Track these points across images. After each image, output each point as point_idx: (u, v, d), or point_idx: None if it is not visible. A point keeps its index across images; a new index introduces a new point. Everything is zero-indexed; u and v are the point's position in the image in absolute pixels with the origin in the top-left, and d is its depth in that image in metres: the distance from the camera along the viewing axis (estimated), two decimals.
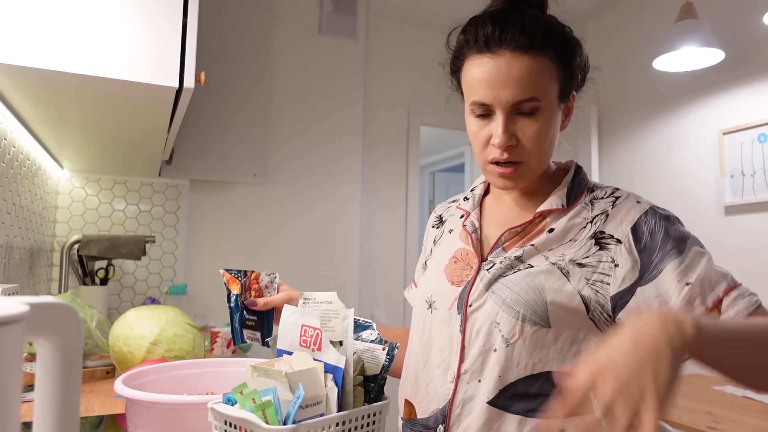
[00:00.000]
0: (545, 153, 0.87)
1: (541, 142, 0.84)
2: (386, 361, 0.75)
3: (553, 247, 0.85)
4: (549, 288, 0.81)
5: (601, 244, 0.83)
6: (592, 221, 0.86)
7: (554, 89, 0.85)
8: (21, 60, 1.07)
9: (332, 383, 0.69)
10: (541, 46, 0.83)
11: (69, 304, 0.36)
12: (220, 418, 0.67)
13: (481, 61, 0.84)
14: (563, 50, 0.87)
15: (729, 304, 0.77)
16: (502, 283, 0.84)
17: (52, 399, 0.36)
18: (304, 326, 0.75)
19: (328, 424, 0.65)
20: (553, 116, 0.86)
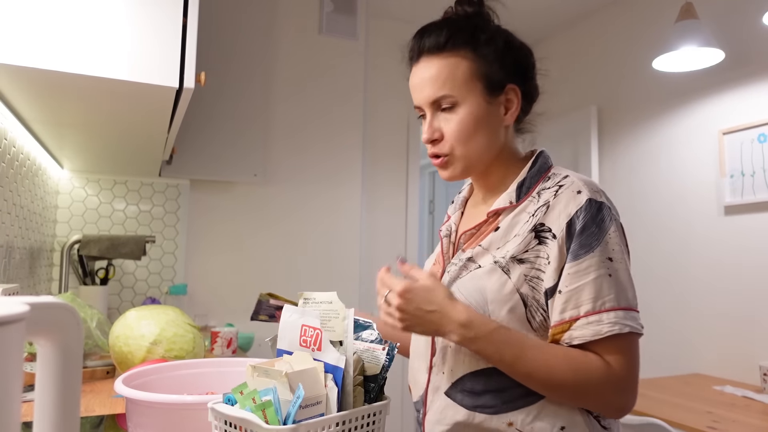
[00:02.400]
0: (471, 144, 0.90)
1: (462, 134, 0.89)
2: (386, 361, 0.75)
3: (499, 245, 0.88)
4: (490, 289, 0.84)
5: (540, 237, 0.85)
6: (533, 213, 0.87)
7: (475, 84, 0.89)
8: (21, 60, 1.07)
9: (332, 383, 0.69)
10: (451, 47, 0.89)
11: (69, 304, 0.36)
12: (220, 418, 0.67)
13: (412, 72, 0.96)
14: (477, 47, 0.90)
15: (580, 325, 0.81)
16: (456, 285, 0.89)
17: (52, 399, 0.36)
18: (304, 326, 0.75)
19: (328, 424, 0.65)
20: (477, 109, 0.89)
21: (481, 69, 0.90)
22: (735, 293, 2.39)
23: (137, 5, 1.17)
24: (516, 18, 3.38)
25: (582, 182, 0.86)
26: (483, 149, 0.91)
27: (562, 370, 0.79)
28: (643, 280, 2.83)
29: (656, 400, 1.95)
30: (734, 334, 2.38)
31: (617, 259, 0.84)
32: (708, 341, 2.49)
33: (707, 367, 2.48)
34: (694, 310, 2.56)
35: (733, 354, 2.37)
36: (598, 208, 0.84)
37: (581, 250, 0.82)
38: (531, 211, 0.88)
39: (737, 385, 2.23)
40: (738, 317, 2.37)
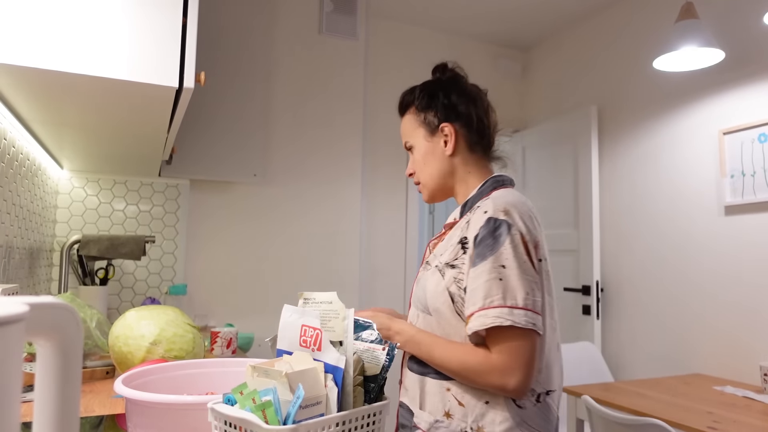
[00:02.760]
0: (428, 173, 1.19)
1: (420, 167, 1.20)
2: (386, 362, 0.75)
3: (442, 253, 1.11)
4: (429, 287, 1.09)
5: (464, 247, 1.06)
6: (461, 228, 1.09)
7: (420, 131, 1.20)
8: (21, 60, 1.07)
9: (332, 383, 0.68)
10: (405, 109, 1.25)
11: (69, 304, 0.36)
12: (220, 418, 0.67)
13: None
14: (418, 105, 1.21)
15: (473, 318, 1.00)
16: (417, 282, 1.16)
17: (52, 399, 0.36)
18: (304, 326, 0.75)
19: (328, 424, 0.65)
20: (425, 149, 1.19)
21: (422, 119, 1.20)
22: (735, 293, 2.39)
23: (137, 5, 1.17)
24: (516, 18, 3.40)
25: (493, 204, 1.05)
26: (435, 175, 1.19)
27: (455, 361, 1.02)
28: (643, 280, 2.83)
29: (656, 400, 1.95)
30: (734, 334, 2.38)
31: (510, 266, 1.00)
32: (708, 341, 2.49)
33: (707, 367, 2.48)
34: (694, 310, 2.56)
35: (734, 354, 2.37)
36: (497, 226, 1.02)
37: (477, 258, 1.02)
38: (460, 226, 1.10)
39: (737, 385, 2.23)
40: (739, 317, 2.37)
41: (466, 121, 1.17)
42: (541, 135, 3.49)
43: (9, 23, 1.06)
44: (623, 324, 2.93)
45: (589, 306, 3.03)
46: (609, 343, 3.01)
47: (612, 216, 3.05)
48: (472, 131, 1.17)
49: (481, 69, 3.71)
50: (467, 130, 1.17)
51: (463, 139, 1.16)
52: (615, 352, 2.97)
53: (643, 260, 2.84)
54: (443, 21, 3.45)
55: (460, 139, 1.16)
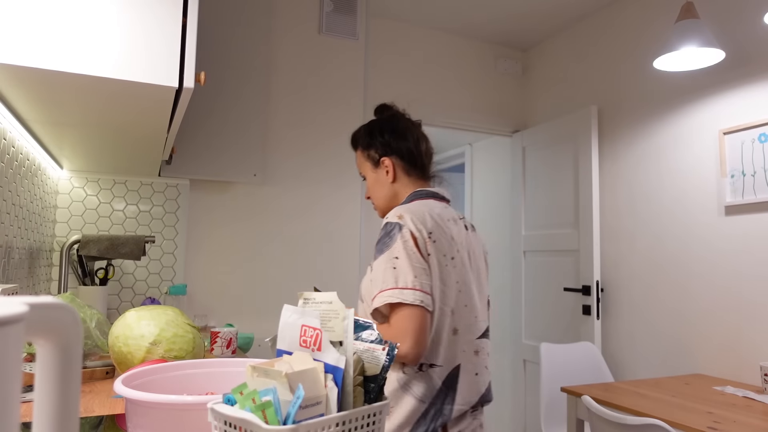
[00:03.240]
0: (378, 197, 1.49)
1: (372, 193, 1.50)
2: (386, 361, 0.75)
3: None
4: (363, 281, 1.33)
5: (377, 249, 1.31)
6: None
7: (368, 164, 1.49)
8: (20, 60, 1.07)
9: (332, 383, 0.68)
10: (355, 147, 1.54)
11: (68, 305, 0.36)
12: (219, 418, 0.66)
13: None
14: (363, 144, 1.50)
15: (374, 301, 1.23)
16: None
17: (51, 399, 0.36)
18: (304, 326, 0.75)
19: (328, 424, 0.65)
20: (373, 179, 1.48)
21: (367, 155, 1.49)
22: (736, 293, 2.39)
23: (137, 5, 1.17)
24: (516, 18, 3.40)
25: (394, 212, 1.31)
26: (383, 198, 1.48)
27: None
28: (644, 280, 2.83)
29: (656, 400, 1.95)
30: (735, 334, 2.38)
31: (401, 257, 1.23)
32: (708, 341, 2.49)
33: (708, 368, 2.48)
34: (694, 310, 2.56)
35: (734, 354, 2.37)
36: (391, 228, 1.28)
37: (377, 254, 1.28)
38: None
39: (738, 385, 2.23)
40: (739, 317, 2.37)
41: (400, 154, 1.45)
42: (541, 135, 3.49)
43: (8, 23, 1.06)
44: (623, 324, 2.93)
45: (589, 306, 3.03)
46: (609, 343, 3.01)
47: (612, 216, 3.05)
48: (406, 161, 1.46)
49: (481, 69, 3.71)
50: (402, 161, 1.46)
51: (400, 168, 1.46)
52: (615, 352, 2.97)
53: (644, 260, 2.83)
54: (443, 21, 3.45)
55: (398, 168, 1.46)
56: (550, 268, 3.36)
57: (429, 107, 3.47)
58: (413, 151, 1.46)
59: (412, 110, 3.42)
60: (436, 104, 3.51)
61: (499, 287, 4.02)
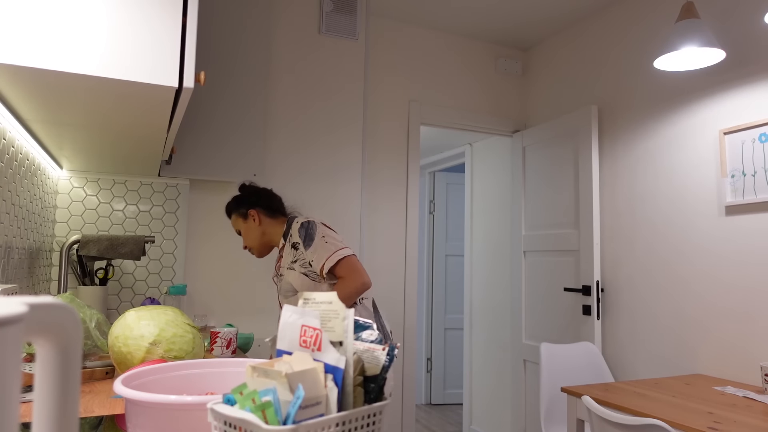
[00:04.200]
0: (251, 240, 2.12)
1: (247, 239, 2.13)
2: (386, 362, 0.75)
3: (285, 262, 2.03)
4: (290, 280, 2.00)
5: (296, 247, 2.01)
6: (287, 240, 2.05)
7: (240, 220, 2.13)
8: (20, 60, 1.06)
9: (332, 383, 0.68)
10: (230, 214, 2.17)
11: (68, 305, 0.36)
12: (219, 418, 0.66)
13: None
14: (234, 210, 2.14)
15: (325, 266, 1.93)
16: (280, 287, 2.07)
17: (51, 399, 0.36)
18: (304, 326, 0.74)
19: (328, 424, 0.65)
20: (246, 228, 2.13)
21: (238, 214, 2.12)
22: (736, 293, 2.39)
23: (136, 5, 1.17)
24: (516, 18, 3.41)
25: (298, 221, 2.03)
26: (256, 240, 2.12)
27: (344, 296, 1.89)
28: (644, 280, 2.83)
29: (657, 401, 1.95)
30: (735, 334, 2.38)
31: (327, 235, 1.97)
32: (709, 341, 2.49)
33: (708, 368, 2.48)
34: (695, 310, 2.56)
35: (734, 354, 2.37)
36: (307, 225, 2.00)
37: (307, 244, 1.96)
38: (288, 243, 2.04)
39: (738, 385, 2.23)
40: (739, 317, 2.37)
41: (261, 206, 2.11)
42: (541, 135, 3.49)
43: (8, 23, 1.06)
44: (623, 324, 2.93)
45: (589, 306, 3.03)
46: (609, 343, 3.01)
47: (612, 216, 3.05)
48: (267, 208, 2.12)
49: (481, 69, 3.71)
50: (263, 209, 2.12)
51: (264, 214, 2.12)
52: (615, 352, 2.97)
53: (644, 260, 2.83)
54: (443, 21, 3.45)
55: (262, 215, 2.11)
56: (550, 268, 3.36)
57: (429, 107, 3.47)
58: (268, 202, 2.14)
59: (412, 110, 3.42)
60: (436, 104, 3.51)
61: (499, 287, 4.02)
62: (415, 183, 3.42)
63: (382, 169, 3.32)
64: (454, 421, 4.76)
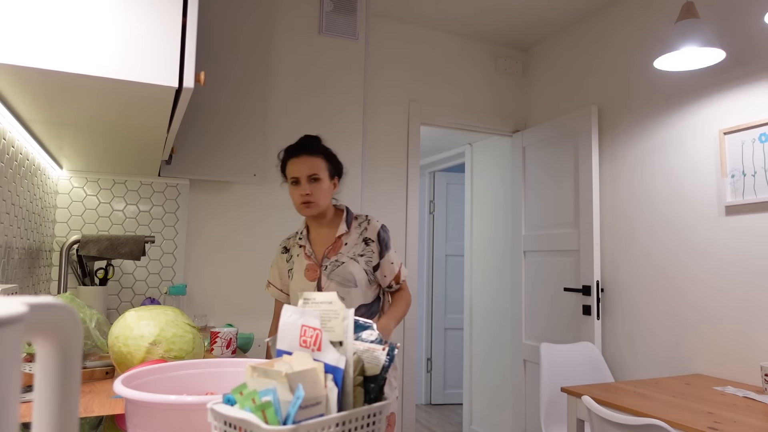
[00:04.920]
0: (323, 198, 1.86)
1: (319, 195, 1.84)
2: (386, 362, 0.75)
3: (348, 251, 1.88)
4: (352, 270, 1.85)
5: (367, 243, 1.90)
6: (360, 233, 1.91)
7: (326, 173, 1.87)
8: (20, 60, 1.06)
9: (332, 383, 0.68)
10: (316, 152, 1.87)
11: (68, 305, 0.36)
12: (219, 418, 0.66)
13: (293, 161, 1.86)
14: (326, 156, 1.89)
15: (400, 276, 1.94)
16: (334, 273, 1.84)
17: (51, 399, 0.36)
18: (304, 326, 0.74)
19: (328, 424, 0.65)
20: (322, 184, 1.85)
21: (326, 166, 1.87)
22: (736, 293, 2.39)
23: (136, 5, 1.17)
24: (516, 18, 3.40)
25: (376, 219, 1.95)
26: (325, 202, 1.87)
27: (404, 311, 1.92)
28: (644, 280, 2.83)
29: (657, 401, 1.95)
30: (735, 334, 2.38)
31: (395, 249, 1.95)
32: (709, 341, 2.49)
33: (708, 368, 2.48)
34: (694, 310, 2.56)
35: (734, 354, 2.37)
36: (385, 230, 1.94)
37: (385, 249, 1.90)
38: (358, 232, 1.91)
39: (738, 385, 2.23)
40: (739, 317, 2.36)
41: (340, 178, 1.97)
42: (541, 135, 3.49)
43: (8, 23, 1.06)
44: (623, 324, 2.93)
45: (589, 306, 3.03)
46: (609, 343, 3.01)
47: (612, 216, 3.05)
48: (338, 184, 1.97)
49: (481, 69, 3.71)
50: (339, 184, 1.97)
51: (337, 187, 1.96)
52: (615, 352, 2.97)
53: (644, 260, 2.83)
54: (443, 21, 3.45)
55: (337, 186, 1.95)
56: (550, 268, 3.36)
57: (429, 107, 3.47)
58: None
59: (412, 110, 3.42)
60: (436, 104, 3.51)
61: (499, 287, 4.02)
62: (415, 183, 3.42)
63: (382, 169, 3.32)
64: (454, 421, 4.76)
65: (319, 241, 1.94)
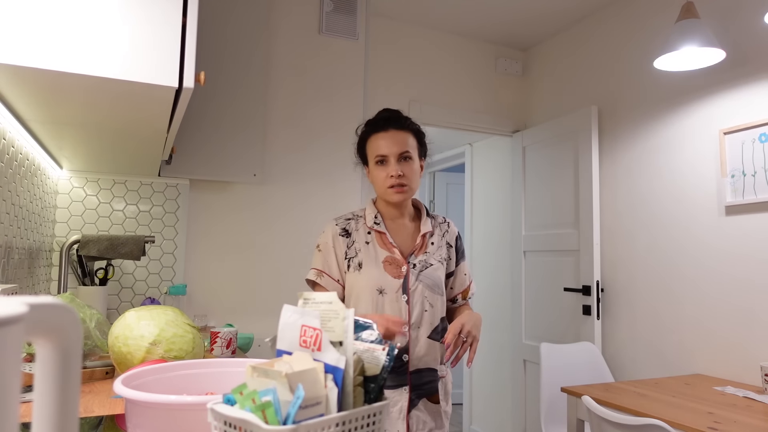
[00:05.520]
0: (416, 181, 1.59)
1: (414, 174, 1.58)
2: (386, 362, 0.75)
3: (435, 252, 1.62)
4: (441, 276, 1.61)
5: (448, 247, 1.67)
6: (443, 236, 1.67)
7: (416, 150, 1.60)
8: (20, 60, 1.06)
9: (332, 383, 0.68)
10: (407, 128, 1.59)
11: (68, 305, 0.36)
12: (219, 418, 0.66)
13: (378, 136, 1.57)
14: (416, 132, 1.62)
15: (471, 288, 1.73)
16: (423, 275, 1.57)
17: (51, 399, 0.36)
18: (304, 326, 0.74)
19: (328, 424, 0.65)
20: (413, 164, 1.58)
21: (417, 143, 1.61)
22: (736, 293, 2.38)
23: (136, 5, 1.17)
24: (516, 18, 3.41)
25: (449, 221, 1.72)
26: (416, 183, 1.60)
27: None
28: (644, 280, 2.83)
29: (657, 401, 1.95)
30: (735, 334, 2.38)
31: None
32: (708, 341, 2.49)
33: (708, 368, 2.48)
34: (694, 310, 2.56)
35: (734, 354, 2.37)
36: (460, 236, 1.73)
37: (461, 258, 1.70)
38: (440, 234, 1.66)
39: (738, 385, 2.22)
40: (739, 317, 2.36)
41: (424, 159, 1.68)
42: (541, 135, 3.49)
43: (9, 23, 1.06)
44: (623, 324, 2.93)
45: (589, 306, 3.03)
46: (609, 343, 3.01)
47: (612, 216, 3.05)
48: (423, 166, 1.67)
49: (481, 69, 3.71)
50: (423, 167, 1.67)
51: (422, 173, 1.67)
52: (615, 352, 2.97)
53: (644, 260, 2.83)
54: (443, 21, 3.45)
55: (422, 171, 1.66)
56: (550, 268, 3.36)
57: (429, 107, 3.47)
58: None
59: (412, 110, 3.41)
60: (436, 104, 3.50)
61: (499, 287, 4.02)
62: None
63: None
64: (455, 421, 4.76)
65: (401, 234, 1.61)
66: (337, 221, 1.62)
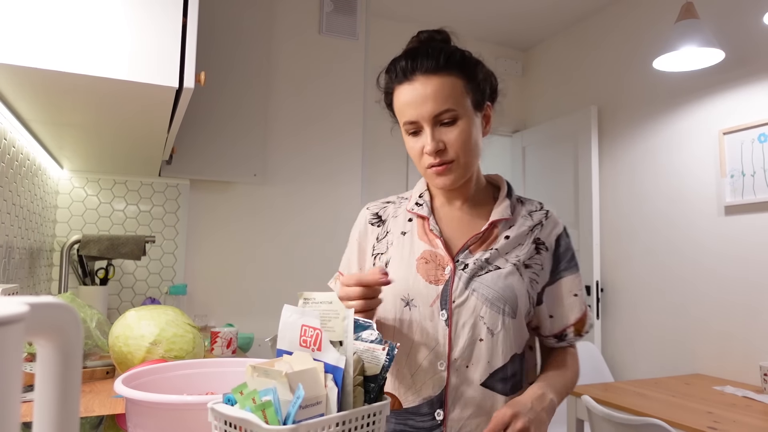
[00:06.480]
0: (471, 153, 0.99)
1: (464, 144, 0.97)
2: (386, 361, 0.75)
3: (509, 251, 1.01)
4: (516, 287, 0.98)
5: (538, 249, 1.03)
6: (532, 229, 1.04)
7: (467, 100, 0.97)
8: (21, 60, 1.07)
9: (332, 383, 0.68)
10: (445, 68, 0.96)
11: (69, 305, 0.36)
12: (220, 418, 0.67)
13: (402, 89, 0.99)
14: (465, 68, 0.98)
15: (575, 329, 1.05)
16: (479, 281, 0.97)
17: (51, 399, 0.36)
18: (304, 326, 0.75)
19: (328, 424, 0.65)
20: (471, 122, 0.98)
21: (468, 87, 0.98)
22: (735, 293, 2.39)
23: (137, 5, 1.17)
24: (516, 18, 3.40)
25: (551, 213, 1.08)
26: (476, 158, 1.02)
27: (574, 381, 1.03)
28: (644, 280, 2.83)
29: (656, 400, 1.95)
30: (735, 334, 2.38)
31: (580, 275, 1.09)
32: (708, 341, 2.49)
33: (707, 368, 2.48)
34: (694, 310, 2.56)
35: (734, 354, 2.37)
36: (568, 235, 1.08)
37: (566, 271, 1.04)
38: (530, 226, 1.04)
39: (737, 385, 2.23)
40: (738, 317, 2.37)
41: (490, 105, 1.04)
42: (541, 135, 3.49)
43: (9, 23, 1.06)
44: (623, 324, 2.93)
45: (589, 306, 3.03)
46: (609, 343, 3.01)
47: (612, 216, 3.05)
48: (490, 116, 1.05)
49: None
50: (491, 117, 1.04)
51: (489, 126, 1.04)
52: (615, 352, 2.97)
53: (643, 260, 2.83)
54: (443, 21, 3.45)
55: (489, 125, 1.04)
56: None
57: None
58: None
59: None
60: None
61: None
62: (416, 183, 3.42)
63: (382, 169, 3.32)
64: None
65: (455, 221, 1.06)
66: (371, 206, 1.21)
